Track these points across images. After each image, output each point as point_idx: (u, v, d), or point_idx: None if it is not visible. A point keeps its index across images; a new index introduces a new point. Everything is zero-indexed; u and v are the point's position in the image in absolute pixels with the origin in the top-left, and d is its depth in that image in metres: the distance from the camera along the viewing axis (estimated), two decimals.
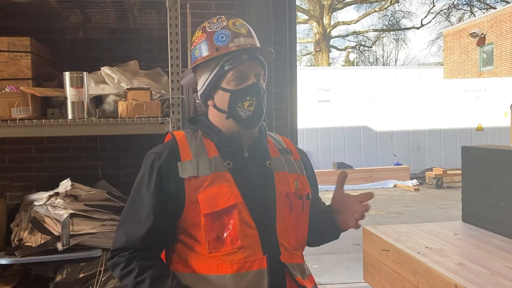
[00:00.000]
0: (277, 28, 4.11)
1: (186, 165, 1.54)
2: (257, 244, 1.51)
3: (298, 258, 1.62)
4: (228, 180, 1.54)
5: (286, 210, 1.59)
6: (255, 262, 1.49)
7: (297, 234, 1.61)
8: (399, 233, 3.50)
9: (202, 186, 1.52)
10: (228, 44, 1.59)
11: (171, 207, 1.53)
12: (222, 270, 1.48)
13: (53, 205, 2.73)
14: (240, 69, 1.58)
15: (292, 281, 1.54)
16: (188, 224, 1.53)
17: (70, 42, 3.47)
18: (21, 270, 2.80)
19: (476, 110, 14.80)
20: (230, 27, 1.62)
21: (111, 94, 2.82)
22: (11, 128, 2.52)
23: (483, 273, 2.61)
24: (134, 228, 1.54)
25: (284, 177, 1.64)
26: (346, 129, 14.47)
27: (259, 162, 1.63)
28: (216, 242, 1.50)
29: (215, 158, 1.57)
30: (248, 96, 1.58)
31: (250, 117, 1.58)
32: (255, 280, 1.48)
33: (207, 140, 1.62)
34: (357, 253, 6.25)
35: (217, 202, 1.50)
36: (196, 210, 1.51)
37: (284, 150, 1.73)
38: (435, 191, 12.20)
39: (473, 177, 3.75)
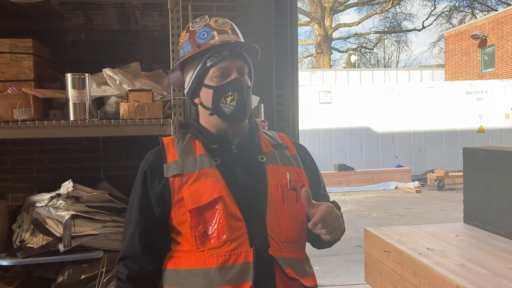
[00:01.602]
0: (278, 30, 4.12)
1: (170, 165, 1.57)
2: (245, 237, 1.51)
3: (292, 252, 1.57)
4: (214, 176, 1.55)
5: (278, 202, 1.57)
6: (241, 255, 1.49)
7: (290, 227, 1.58)
8: (400, 235, 3.50)
9: (187, 183, 1.54)
10: (209, 41, 1.61)
11: (158, 208, 1.57)
12: (208, 263, 1.50)
13: (54, 206, 2.74)
14: (222, 65, 1.60)
15: (282, 274, 1.52)
16: (176, 222, 1.55)
17: (72, 44, 3.48)
18: (23, 271, 2.80)
19: (477, 112, 14.79)
20: (212, 24, 1.65)
21: (113, 95, 2.83)
22: (13, 130, 2.52)
23: (484, 275, 2.61)
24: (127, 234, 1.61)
25: (277, 169, 1.63)
26: (347, 130, 14.47)
27: (249, 157, 1.63)
28: (203, 237, 1.51)
29: (201, 156, 1.59)
30: (230, 91, 1.59)
31: (233, 112, 1.59)
32: (240, 272, 1.48)
33: (195, 140, 1.65)
34: (358, 254, 6.24)
35: (201, 197, 1.52)
36: (182, 208, 1.53)
37: (278, 145, 1.73)
38: (436, 193, 12.19)
39: (475, 178, 3.75)
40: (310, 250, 1.81)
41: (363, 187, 12.90)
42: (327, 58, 25.73)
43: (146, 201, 1.59)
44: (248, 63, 1.67)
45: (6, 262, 2.59)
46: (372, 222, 8.76)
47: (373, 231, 3.64)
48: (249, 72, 1.68)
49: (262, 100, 3.29)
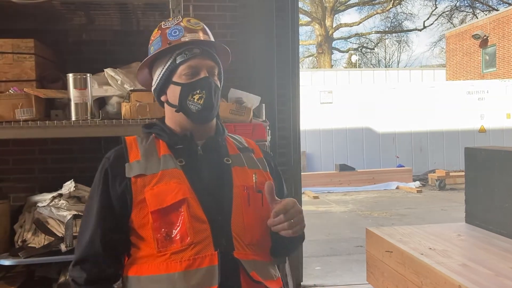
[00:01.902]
0: (279, 30, 4.12)
1: (132, 165, 1.52)
2: (209, 240, 1.46)
3: (256, 255, 1.54)
4: (178, 177, 1.51)
5: (244, 204, 1.54)
6: (205, 259, 1.45)
7: (255, 229, 1.54)
8: (402, 235, 3.50)
9: (149, 184, 1.49)
10: (180, 38, 1.59)
11: (119, 209, 1.51)
12: (172, 269, 1.44)
13: (56, 206, 2.74)
14: (192, 62, 1.57)
15: (247, 277, 1.48)
16: (136, 225, 1.50)
17: (73, 44, 3.49)
18: (25, 271, 2.81)
19: (478, 111, 14.79)
20: (184, 23, 1.63)
21: (115, 95, 2.83)
22: (15, 130, 2.53)
23: (486, 274, 2.60)
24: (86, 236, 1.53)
25: (243, 172, 1.60)
26: (348, 131, 14.47)
27: (215, 159, 1.60)
28: (165, 241, 1.46)
29: (165, 156, 1.55)
30: (198, 89, 1.56)
31: (199, 110, 1.56)
32: (205, 277, 1.44)
33: (159, 140, 1.60)
34: (359, 254, 6.24)
35: (164, 199, 1.47)
36: (143, 209, 1.48)
37: (244, 149, 1.70)
38: (437, 193, 12.18)
39: (477, 178, 3.75)
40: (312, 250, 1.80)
41: (364, 187, 12.89)
42: (328, 58, 25.73)
43: (106, 201, 1.52)
44: (219, 64, 1.65)
45: (8, 262, 2.60)
46: (373, 222, 8.75)
47: (375, 231, 3.64)
48: (219, 74, 1.65)
49: (264, 100, 3.29)
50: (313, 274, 5.57)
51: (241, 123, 2.88)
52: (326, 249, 6.72)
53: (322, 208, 10.36)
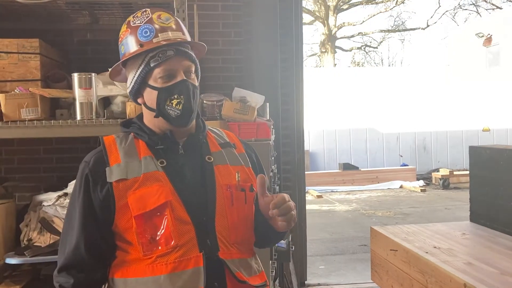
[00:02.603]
0: (283, 29, 4.12)
1: (114, 169, 1.48)
2: (194, 242, 1.45)
3: (241, 253, 1.54)
4: (160, 179, 1.48)
5: (227, 204, 1.52)
6: (190, 261, 1.44)
7: (239, 228, 1.54)
8: (407, 233, 3.50)
9: (132, 188, 1.47)
10: (152, 39, 1.52)
11: (101, 214, 1.49)
12: (157, 272, 1.44)
13: (62, 205, 2.75)
14: (167, 66, 1.51)
15: (232, 277, 1.48)
16: (120, 229, 1.48)
17: (78, 44, 3.50)
18: (31, 270, 2.81)
19: (482, 110, 14.74)
20: (155, 21, 1.54)
21: (119, 95, 2.84)
22: (20, 129, 2.54)
23: (492, 273, 2.60)
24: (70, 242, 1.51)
25: (225, 170, 1.58)
26: (352, 130, 14.45)
27: (197, 158, 1.57)
28: (150, 244, 1.44)
29: (146, 158, 1.51)
30: (176, 94, 1.51)
31: (179, 115, 1.52)
32: (191, 279, 1.43)
33: (139, 141, 1.56)
34: (363, 253, 6.24)
35: (146, 203, 1.45)
36: (127, 214, 1.46)
37: (226, 144, 1.66)
38: (441, 192, 12.16)
39: (481, 177, 3.74)
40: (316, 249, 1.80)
41: (368, 186, 12.88)
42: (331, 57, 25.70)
43: (88, 207, 1.49)
44: (195, 61, 1.59)
45: (14, 260, 2.60)
46: (377, 221, 8.75)
47: (379, 230, 3.64)
48: (196, 71, 1.60)
49: (268, 99, 3.29)
50: (317, 273, 5.57)
51: (245, 122, 2.88)
52: (330, 248, 6.73)
53: (326, 207, 10.36)
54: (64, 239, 1.55)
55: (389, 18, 30.29)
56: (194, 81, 1.57)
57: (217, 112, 2.85)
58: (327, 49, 25.47)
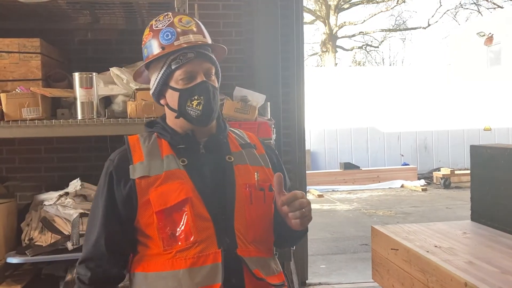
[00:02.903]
0: (284, 29, 4.12)
1: (137, 167, 1.54)
2: (213, 238, 1.49)
3: (259, 252, 1.57)
4: (181, 177, 1.53)
5: (246, 203, 1.56)
6: (209, 256, 1.48)
7: (257, 227, 1.57)
8: (408, 232, 3.50)
9: (154, 185, 1.51)
10: (173, 42, 1.57)
11: (124, 210, 1.54)
12: (177, 266, 1.48)
13: (63, 204, 2.76)
14: (187, 68, 1.56)
15: (250, 274, 1.50)
16: (142, 225, 1.53)
17: (79, 43, 3.50)
18: (32, 269, 2.82)
19: (483, 110, 14.73)
20: (176, 24, 1.60)
21: (120, 94, 2.84)
22: (21, 129, 2.54)
23: (492, 272, 2.60)
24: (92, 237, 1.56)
25: (245, 170, 1.61)
26: (353, 129, 14.45)
27: (217, 157, 1.61)
28: (170, 239, 1.49)
29: (168, 157, 1.56)
30: (196, 95, 1.56)
31: (199, 116, 1.57)
32: (209, 274, 1.47)
33: (161, 140, 1.61)
34: (364, 253, 6.24)
35: (168, 199, 1.49)
36: (148, 210, 1.51)
37: (247, 145, 1.70)
38: (442, 191, 12.15)
39: (482, 176, 3.74)
40: (317, 248, 1.81)
41: (369, 186, 12.87)
42: (332, 56, 25.69)
43: (111, 203, 1.55)
44: (215, 63, 1.64)
45: (16, 260, 2.61)
46: (378, 221, 8.75)
47: (380, 229, 3.64)
48: (216, 73, 1.65)
49: (268, 98, 3.30)
50: (318, 272, 5.57)
51: (246, 121, 2.88)
52: (331, 247, 6.72)
53: (327, 206, 10.35)
54: (87, 232, 1.60)
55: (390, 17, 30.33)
56: (214, 83, 1.61)
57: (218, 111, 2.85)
58: (328, 49, 25.45)
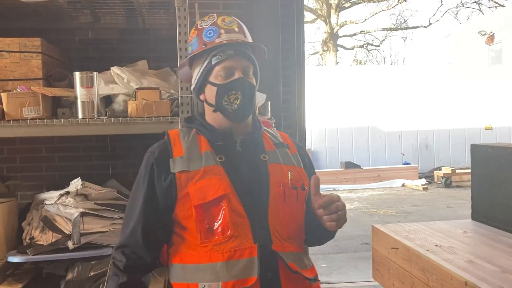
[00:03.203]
0: (285, 28, 4.12)
1: (177, 161, 1.61)
2: (248, 233, 1.56)
3: (293, 247, 1.64)
4: (219, 173, 1.60)
5: (280, 200, 1.62)
6: (245, 251, 1.54)
7: (290, 224, 1.64)
8: (408, 231, 3.50)
9: (193, 179, 1.58)
10: (215, 39, 1.66)
11: (163, 202, 1.61)
12: (214, 259, 1.54)
13: (63, 204, 2.76)
14: (226, 64, 1.64)
15: (285, 268, 1.57)
16: (180, 217, 1.59)
17: (80, 43, 3.50)
18: (33, 268, 2.82)
19: (485, 108, 14.71)
20: (219, 23, 1.69)
21: (121, 93, 2.84)
22: (22, 128, 2.55)
23: (493, 271, 2.60)
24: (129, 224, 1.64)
25: (279, 169, 1.68)
26: (354, 129, 14.44)
27: (252, 155, 1.68)
28: (207, 232, 1.55)
29: (206, 153, 1.63)
30: (233, 90, 1.63)
31: (236, 110, 1.64)
32: (246, 268, 1.53)
33: (200, 136, 1.68)
34: (365, 252, 6.25)
35: (206, 194, 1.56)
36: (187, 203, 1.57)
37: (280, 144, 1.77)
38: (443, 190, 12.15)
39: (483, 175, 3.73)
40: (318, 247, 1.84)
41: (369, 185, 12.88)
42: (333, 55, 25.67)
43: (151, 194, 1.62)
44: (254, 62, 1.70)
45: (17, 259, 2.61)
46: (379, 220, 8.75)
47: (381, 228, 3.64)
48: (255, 72, 1.71)
49: (269, 97, 3.30)
50: (318, 271, 5.53)
51: None
52: (331, 247, 6.73)
53: None
54: (125, 220, 1.68)
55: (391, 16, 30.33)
56: (252, 80, 1.68)
57: None
58: (329, 48, 25.43)
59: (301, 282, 1.62)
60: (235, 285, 1.53)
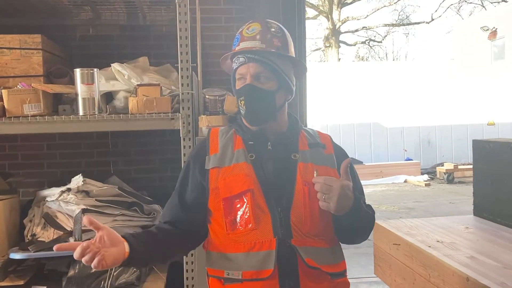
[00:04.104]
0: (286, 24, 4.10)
1: (211, 158, 1.76)
2: (269, 227, 1.65)
3: (316, 243, 1.70)
4: (247, 170, 1.71)
5: (303, 198, 1.70)
6: (265, 244, 1.64)
7: (314, 221, 1.70)
8: (409, 227, 3.49)
9: (223, 175, 1.72)
10: (235, 47, 1.80)
11: (196, 193, 1.77)
12: (237, 249, 1.67)
13: (65, 200, 2.76)
14: (240, 70, 1.76)
15: (303, 263, 1.64)
16: (213, 208, 1.74)
17: (80, 39, 3.50)
18: (35, 265, 2.83)
19: (487, 104, 14.67)
20: (243, 31, 1.81)
21: (122, 90, 2.84)
22: (23, 125, 2.55)
23: (495, 267, 2.60)
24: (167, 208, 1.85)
25: (307, 168, 1.75)
26: (356, 125, 14.42)
27: (283, 154, 1.76)
28: (232, 224, 1.68)
29: (238, 151, 1.75)
30: (242, 96, 1.76)
31: (246, 114, 1.77)
32: (263, 259, 1.63)
33: (236, 135, 1.81)
34: (367, 248, 6.22)
35: (233, 188, 1.69)
36: (218, 196, 1.71)
37: (316, 144, 1.84)
38: (446, 186, 12.14)
39: (485, 170, 3.73)
40: None
41: (372, 181, 12.87)
42: (335, 51, 25.62)
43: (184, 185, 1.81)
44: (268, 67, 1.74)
45: (18, 255, 2.62)
46: (381, 216, 8.74)
47: (382, 224, 3.64)
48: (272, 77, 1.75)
49: None
50: None
51: None
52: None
53: None
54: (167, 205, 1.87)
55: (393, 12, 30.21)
56: (263, 85, 1.74)
57: (219, 107, 2.85)
58: (331, 44, 25.39)
59: (321, 277, 1.68)
60: (253, 275, 1.63)
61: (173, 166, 3.39)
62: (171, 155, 3.44)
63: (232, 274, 1.66)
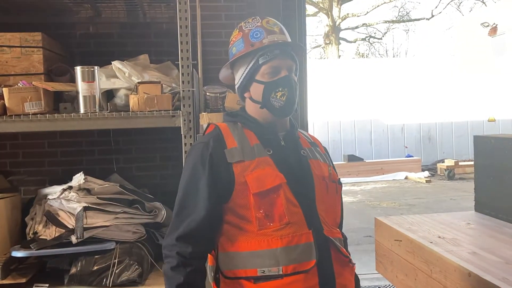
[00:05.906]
0: (286, 21, 4.10)
1: (232, 151, 1.70)
2: (302, 221, 1.67)
3: (338, 233, 1.78)
4: (271, 164, 1.70)
5: (324, 192, 1.75)
6: (302, 236, 1.65)
7: (333, 212, 1.78)
8: (411, 223, 3.50)
9: (248, 169, 1.67)
10: (262, 40, 1.75)
11: (222, 191, 1.67)
12: (273, 245, 1.63)
13: (66, 198, 2.76)
14: (273, 63, 1.74)
15: (337, 252, 1.71)
16: (236, 205, 1.67)
17: (81, 37, 3.50)
18: (37, 263, 2.83)
19: (488, 100, 14.65)
20: (264, 25, 1.79)
21: (122, 88, 2.84)
22: (24, 123, 2.55)
23: (496, 262, 2.60)
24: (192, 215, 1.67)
25: (318, 164, 1.80)
26: (356, 121, 14.41)
27: (294, 150, 1.79)
28: (264, 220, 1.64)
29: (256, 145, 1.73)
30: (280, 87, 1.73)
31: (282, 106, 1.74)
32: (304, 252, 1.64)
33: (247, 130, 1.78)
34: (368, 244, 6.25)
35: (264, 182, 1.65)
36: (244, 191, 1.66)
37: (312, 143, 1.91)
38: (447, 183, 12.13)
39: (486, 166, 3.73)
40: None
41: (373, 178, 12.87)
42: (335, 48, 25.58)
43: (214, 183, 1.67)
44: (296, 62, 1.80)
45: (20, 253, 2.62)
46: (382, 212, 8.75)
47: (384, 220, 3.64)
48: (296, 71, 1.81)
49: None
50: None
51: None
52: None
53: None
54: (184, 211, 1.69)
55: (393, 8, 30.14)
56: (295, 78, 1.79)
57: (220, 104, 2.85)
58: (331, 41, 25.35)
59: (347, 265, 1.76)
60: (295, 268, 1.62)
61: (174, 164, 3.39)
62: (172, 152, 3.44)
63: (269, 271, 1.62)
